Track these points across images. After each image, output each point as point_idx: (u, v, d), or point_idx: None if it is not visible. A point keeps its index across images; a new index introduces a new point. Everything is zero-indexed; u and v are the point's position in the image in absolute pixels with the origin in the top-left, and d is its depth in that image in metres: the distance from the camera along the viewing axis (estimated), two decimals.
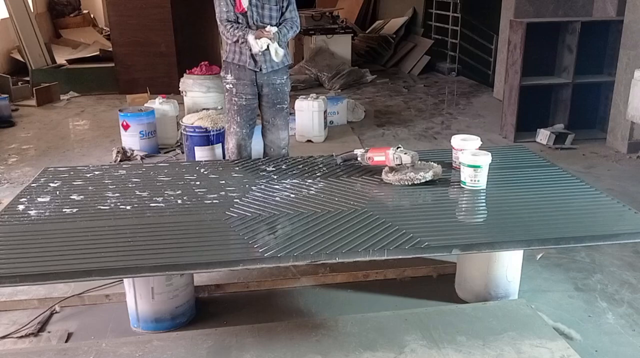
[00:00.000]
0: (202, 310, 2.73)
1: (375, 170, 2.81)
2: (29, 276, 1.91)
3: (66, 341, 2.52)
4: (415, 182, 2.62)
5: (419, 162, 2.71)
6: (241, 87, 3.57)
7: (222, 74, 3.66)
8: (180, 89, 5.71)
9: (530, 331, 2.30)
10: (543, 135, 5.29)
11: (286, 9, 3.57)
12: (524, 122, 5.39)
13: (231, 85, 3.58)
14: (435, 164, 2.74)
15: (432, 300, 2.80)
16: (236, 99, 3.60)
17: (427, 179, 2.63)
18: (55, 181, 2.73)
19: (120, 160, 4.93)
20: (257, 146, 4.56)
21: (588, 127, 5.56)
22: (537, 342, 2.23)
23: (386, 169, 2.73)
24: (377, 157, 2.78)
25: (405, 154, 2.69)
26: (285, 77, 3.72)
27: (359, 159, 2.86)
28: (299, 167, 2.89)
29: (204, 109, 4.93)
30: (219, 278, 2.93)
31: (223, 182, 2.71)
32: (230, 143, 3.68)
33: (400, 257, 2.12)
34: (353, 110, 6.28)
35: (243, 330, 2.33)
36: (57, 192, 2.59)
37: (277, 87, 3.65)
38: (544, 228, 2.21)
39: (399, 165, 2.68)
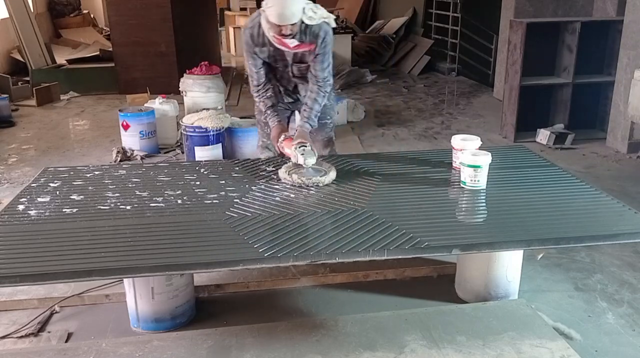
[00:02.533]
0: (202, 310, 2.73)
1: (375, 171, 2.81)
2: (29, 276, 1.91)
3: (66, 341, 2.52)
4: (309, 184, 2.60)
5: (317, 163, 2.70)
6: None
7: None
8: (180, 89, 5.71)
9: (530, 331, 2.30)
10: (543, 135, 5.29)
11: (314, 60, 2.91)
12: (524, 122, 5.39)
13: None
14: (332, 168, 2.71)
15: (432, 300, 2.80)
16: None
17: (323, 184, 2.60)
18: (55, 181, 2.72)
19: (120, 160, 4.93)
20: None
21: (588, 127, 5.56)
22: (537, 342, 2.23)
23: (287, 165, 2.74)
24: (287, 149, 2.81)
25: (302, 154, 2.67)
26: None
27: (278, 143, 2.88)
28: (300, 167, 2.88)
29: (204, 109, 4.93)
30: (219, 278, 2.93)
31: (223, 182, 2.71)
32: (262, 154, 3.31)
33: (400, 257, 2.12)
34: (353, 110, 6.28)
35: (243, 330, 2.33)
36: (57, 192, 2.59)
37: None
38: (544, 228, 2.21)
39: (296, 164, 2.68)
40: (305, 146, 2.74)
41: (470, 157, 2.54)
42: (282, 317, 2.66)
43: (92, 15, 12.90)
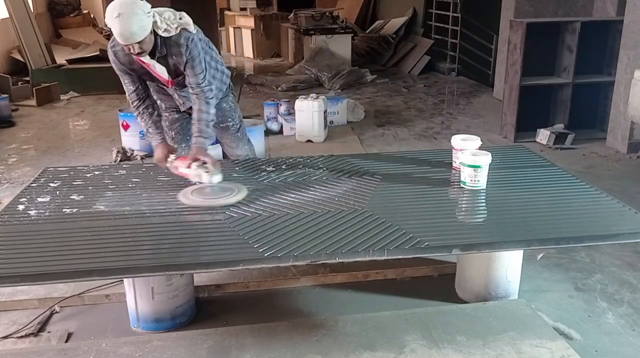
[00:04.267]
0: (202, 310, 2.73)
1: (375, 171, 2.81)
2: (29, 276, 1.91)
3: (66, 341, 2.52)
4: (215, 204, 2.41)
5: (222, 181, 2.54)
6: (168, 123, 3.16)
7: None
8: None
9: (530, 331, 2.30)
10: (543, 135, 5.29)
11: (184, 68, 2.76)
12: (524, 122, 5.39)
13: (159, 101, 3.11)
14: (242, 187, 2.55)
15: (432, 300, 2.79)
16: (167, 115, 3.15)
17: (229, 204, 2.41)
18: (55, 181, 2.73)
19: (120, 160, 4.93)
20: (257, 146, 4.56)
21: (588, 127, 5.56)
22: (537, 342, 2.23)
23: (186, 189, 2.56)
24: (182, 168, 2.61)
25: (207, 171, 2.51)
26: (220, 97, 3.09)
27: (167, 164, 2.69)
28: (299, 167, 2.89)
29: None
30: (219, 278, 2.93)
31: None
32: None
33: (400, 257, 2.12)
34: (353, 110, 6.28)
35: (243, 330, 2.33)
36: (57, 192, 2.59)
37: None
38: (544, 228, 2.21)
39: (199, 183, 2.53)
40: (207, 163, 2.56)
41: (470, 157, 2.54)
42: (282, 317, 2.66)
43: (92, 15, 12.89)
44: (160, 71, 2.79)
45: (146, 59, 2.69)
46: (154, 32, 2.63)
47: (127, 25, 2.48)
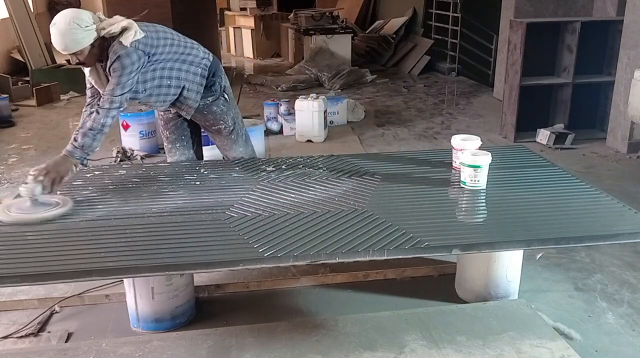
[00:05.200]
0: (202, 310, 2.73)
1: (375, 171, 2.81)
2: (29, 276, 1.91)
3: (66, 341, 2.53)
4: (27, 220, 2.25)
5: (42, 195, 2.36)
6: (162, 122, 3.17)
7: None
8: None
9: (530, 331, 2.30)
10: (543, 135, 5.29)
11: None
12: (524, 122, 5.39)
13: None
14: (67, 199, 2.40)
15: (432, 300, 2.80)
16: (161, 114, 3.16)
17: (38, 221, 2.24)
18: None
19: (120, 160, 4.93)
20: (257, 146, 4.56)
21: (588, 127, 5.56)
22: (537, 342, 2.23)
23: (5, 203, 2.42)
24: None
25: (25, 183, 2.33)
26: (210, 101, 3.04)
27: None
28: (299, 167, 2.89)
29: None
30: (219, 278, 2.94)
31: (223, 182, 2.71)
32: (167, 159, 3.25)
33: (400, 257, 2.12)
34: (353, 110, 6.28)
35: (243, 330, 2.33)
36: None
37: (201, 111, 3.05)
38: (544, 228, 2.20)
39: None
40: (34, 175, 2.39)
41: (470, 157, 2.54)
42: (282, 317, 2.66)
43: None
44: (99, 82, 2.78)
45: (86, 70, 2.74)
46: (101, 45, 2.66)
47: (58, 36, 2.54)
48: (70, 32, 2.54)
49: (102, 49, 2.69)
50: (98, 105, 2.72)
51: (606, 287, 2.93)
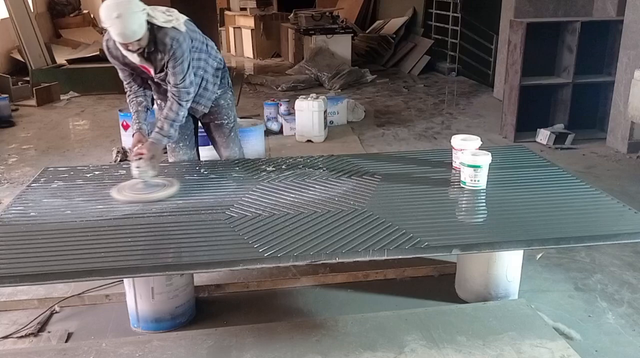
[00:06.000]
0: (202, 310, 2.73)
1: (374, 171, 2.81)
2: (29, 276, 1.91)
3: (66, 341, 2.52)
4: (141, 200, 2.47)
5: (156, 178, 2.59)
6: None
7: None
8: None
9: (530, 331, 2.30)
10: (543, 135, 5.29)
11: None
12: (524, 122, 5.39)
13: (159, 102, 3.10)
14: (174, 181, 2.62)
15: (432, 300, 2.80)
16: None
17: (153, 200, 2.46)
18: (56, 181, 2.73)
19: (120, 160, 4.93)
20: (257, 146, 4.57)
21: (588, 127, 5.56)
22: (537, 342, 2.23)
23: (120, 185, 2.60)
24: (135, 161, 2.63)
25: (137, 167, 2.55)
26: (219, 93, 3.10)
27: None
28: (299, 167, 2.89)
29: None
30: (219, 278, 2.93)
31: (223, 182, 2.71)
32: (170, 159, 3.26)
33: (400, 257, 2.12)
34: (353, 110, 6.28)
35: (243, 330, 2.33)
36: (58, 192, 2.59)
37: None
38: (544, 228, 2.21)
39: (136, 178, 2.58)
40: (142, 158, 2.59)
41: (470, 157, 2.54)
42: (282, 317, 2.66)
43: (92, 15, 12.88)
44: (147, 66, 2.80)
45: (133, 56, 2.71)
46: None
47: (128, 24, 2.51)
48: (137, 17, 2.54)
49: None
50: (173, 95, 2.77)
51: (606, 287, 2.93)
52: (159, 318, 2.56)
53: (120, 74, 2.91)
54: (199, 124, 3.25)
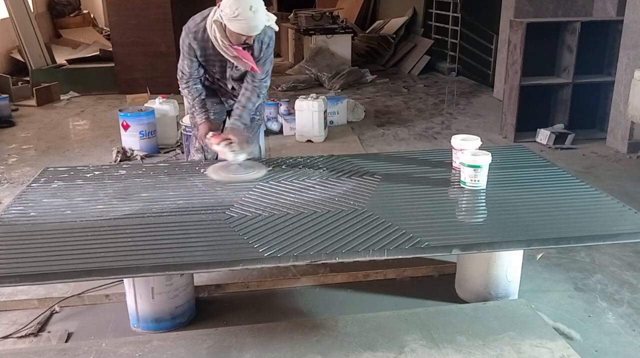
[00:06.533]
0: (202, 310, 2.73)
1: (374, 171, 2.81)
2: (29, 276, 1.91)
3: (66, 341, 2.52)
4: (238, 180, 2.68)
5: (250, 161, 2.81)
6: (210, 104, 3.15)
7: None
8: (182, 92, 5.69)
9: (530, 331, 2.30)
10: (543, 135, 5.29)
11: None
12: (524, 122, 5.39)
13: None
14: (262, 165, 2.82)
15: (432, 300, 2.80)
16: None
17: (251, 180, 2.67)
18: (56, 181, 2.73)
19: (120, 160, 4.93)
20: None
21: (588, 127, 5.56)
22: (537, 342, 2.23)
23: (214, 165, 2.82)
24: (215, 146, 2.84)
25: (232, 151, 2.75)
26: None
27: (206, 140, 2.90)
28: (299, 167, 2.89)
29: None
30: (219, 278, 2.93)
31: (224, 182, 2.71)
32: (196, 156, 3.30)
33: (400, 257, 2.12)
34: (353, 110, 6.28)
35: (243, 330, 2.33)
36: (58, 192, 2.59)
37: None
38: (544, 228, 2.21)
39: (226, 161, 2.78)
40: (233, 142, 2.78)
41: (470, 157, 2.54)
42: (282, 317, 2.66)
43: (92, 15, 12.89)
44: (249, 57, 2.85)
45: (231, 50, 2.78)
46: None
47: (261, 18, 2.65)
48: (264, 12, 2.67)
49: None
50: (255, 87, 2.96)
51: (606, 287, 2.93)
52: (159, 318, 2.56)
53: (188, 65, 2.94)
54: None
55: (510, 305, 2.56)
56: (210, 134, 2.91)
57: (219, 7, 2.70)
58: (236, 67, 2.93)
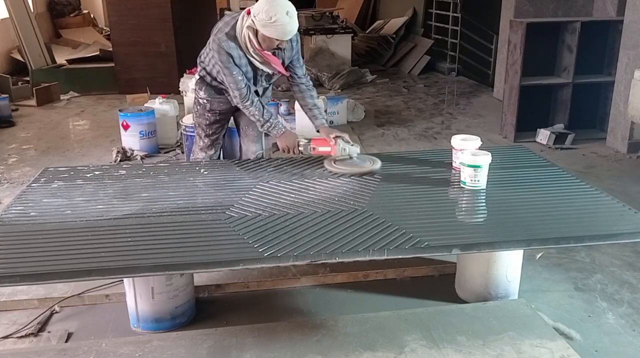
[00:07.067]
0: (202, 310, 2.73)
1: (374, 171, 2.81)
2: (29, 276, 1.91)
3: (66, 341, 2.52)
4: (360, 172, 2.75)
5: (359, 154, 2.89)
6: (217, 104, 3.14)
7: (195, 87, 3.19)
8: (180, 89, 5.70)
9: (530, 331, 2.30)
10: (543, 135, 5.29)
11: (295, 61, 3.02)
12: (524, 122, 5.39)
13: (205, 101, 3.14)
14: (375, 158, 2.89)
15: (432, 300, 2.80)
16: (209, 115, 3.18)
17: (371, 170, 2.76)
18: (56, 181, 2.73)
19: (120, 160, 4.93)
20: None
21: (588, 127, 5.56)
22: (537, 342, 2.23)
23: (330, 159, 2.87)
24: (321, 147, 2.90)
25: (352, 145, 2.86)
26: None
27: (301, 148, 2.93)
28: (299, 167, 2.89)
29: None
30: (219, 278, 2.93)
31: (223, 182, 2.71)
32: (200, 155, 3.29)
33: (400, 257, 2.12)
34: (353, 110, 6.28)
35: (243, 330, 2.33)
36: (58, 192, 2.59)
37: None
38: (544, 228, 2.21)
39: (344, 156, 2.83)
40: (343, 139, 2.88)
41: (470, 157, 2.54)
42: (282, 317, 2.67)
43: (92, 15, 12.89)
44: (277, 62, 2.89)
45: (259, 56, 2.83)
46: None
47: (296, 22, 2.69)
48: (297, 16, 2.70)
49: None
50: (308, 81, 3.10)
51: (606, 287, 2.93)
52: (159, 318, 2.56)
53: (240, 73, 2.85)
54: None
55: (510, 305, 2.56)
56: (304, 140, 2.95)
57: (248, 13, 2.69)
58: (263, 71, 2.93)
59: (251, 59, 2.83)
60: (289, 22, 2.63)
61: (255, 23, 2.65)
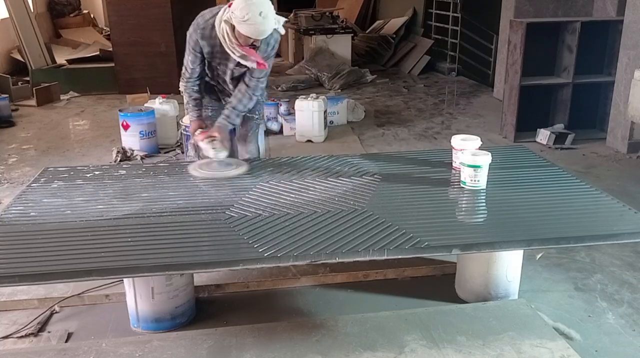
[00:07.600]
0: (202, 310, 2.73)
1: (374, 171, 2.81)
2: (29, 276, 1.91)
3: (66, 341, 2.52)
4: (217, 176, 2.74)
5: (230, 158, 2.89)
6: (207, 100, 3.21)
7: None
8: (180, 89, 5.68)
9: (530, 331, 2.30)
10: (543, 135, 5.29)
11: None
12: (524, 122, 5.39)
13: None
14: (242, 162, 2.90)
15: (432, 300, 2.80)
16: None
17: (229, 177, 2.74)
18: (56, 181, 2.73)
19: (120, 160, 4.93)
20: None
21: (588, 127, 5.56)
22: (537, 342, 2.23)
23: (194, 164, 2.88)
24: (200, 142, 2.90)
25: (213, 148, 2.81)
26: None
27: (195, 135, 2.96)
28: (299, 167, 2.89)
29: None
30: (219, 278, 2.93)
31: (223, 182, 2.71)
32: (191, 152, 3.39)
33: (400, 257, 2.12)
34: (353, 110, 6.28)
35: (243, 330, 2.33)
36: (58, 192, 2.59)
37: None
38: (544, 228, 2.21)
39: (206, 158, 2.85)
40: (215, 140, 2.84)
41: (470, 157, 2.54)
42: (282, 317, 2.67)
43: (92, 15, 12.89)
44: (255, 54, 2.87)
45: (237, 50, 2.80)
46: None
47: (270, 23, 2.66)
48: (273, 17, 2.68)
49: None
50: (248, 89, 2.96)
51: (606, 287, 2.93)
52: (159, 318, 2.56)
53: (192, 60, 2.96)
54: None
55: (510, 305, 2.56)
56: (199, 130, 2.97)
57: (230, 6, 2.71)
58: (237, 66, 2.93)
59: (228, 50, 2.81)
60: (262, 22, 2.62)
61: (232, 18, 2.67)
